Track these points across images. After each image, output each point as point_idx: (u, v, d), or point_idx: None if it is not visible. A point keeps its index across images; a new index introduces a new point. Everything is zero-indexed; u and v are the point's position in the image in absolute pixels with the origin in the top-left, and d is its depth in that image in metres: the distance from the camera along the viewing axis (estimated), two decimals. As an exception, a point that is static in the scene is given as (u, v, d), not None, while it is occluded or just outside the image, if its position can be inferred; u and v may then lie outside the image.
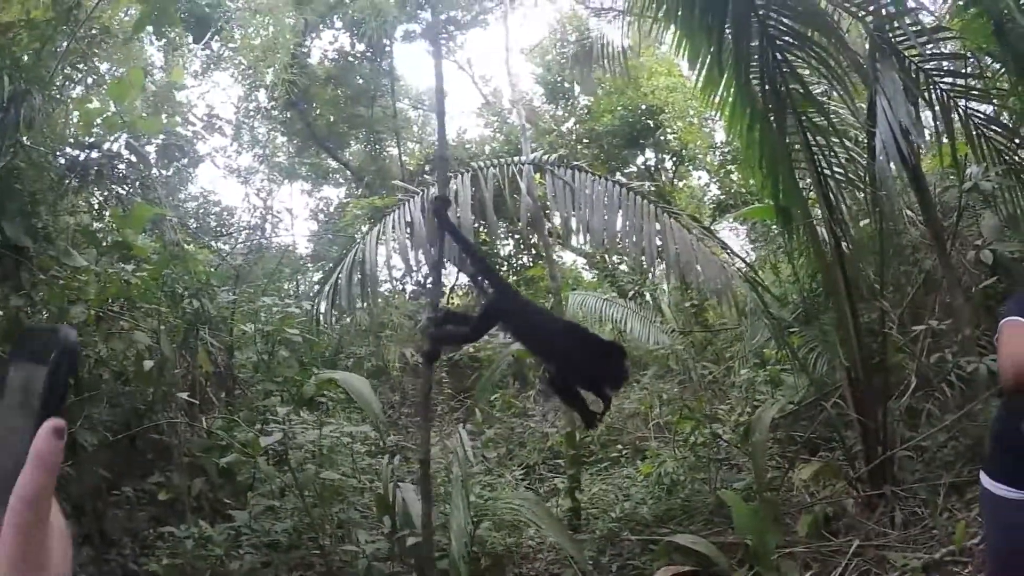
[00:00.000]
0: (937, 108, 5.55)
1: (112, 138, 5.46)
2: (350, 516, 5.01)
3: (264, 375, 5.22)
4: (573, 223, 5.21)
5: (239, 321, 5.94)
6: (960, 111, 5.60)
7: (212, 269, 6.56)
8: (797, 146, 5.90)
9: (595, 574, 5.51)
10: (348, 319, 9.82)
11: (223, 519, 4.74)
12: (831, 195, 5.81)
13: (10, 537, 0.53)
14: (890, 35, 5.35)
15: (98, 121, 5.42)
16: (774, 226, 8.63)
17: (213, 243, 9.70)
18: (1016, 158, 5.68)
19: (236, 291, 6.31)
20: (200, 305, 5.20)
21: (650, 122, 14.15)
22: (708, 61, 5.85)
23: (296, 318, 5.74)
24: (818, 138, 5.85)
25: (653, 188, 6.05)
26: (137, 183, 6.03)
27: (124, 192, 6.04)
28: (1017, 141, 5.72)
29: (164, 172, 9.51)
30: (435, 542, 4.78)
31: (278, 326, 5.19)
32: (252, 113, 16.48)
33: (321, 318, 5.35)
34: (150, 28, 9.44)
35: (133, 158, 5.70)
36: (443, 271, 3.79)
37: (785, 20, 5.39)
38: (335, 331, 10.48)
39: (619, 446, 8.86)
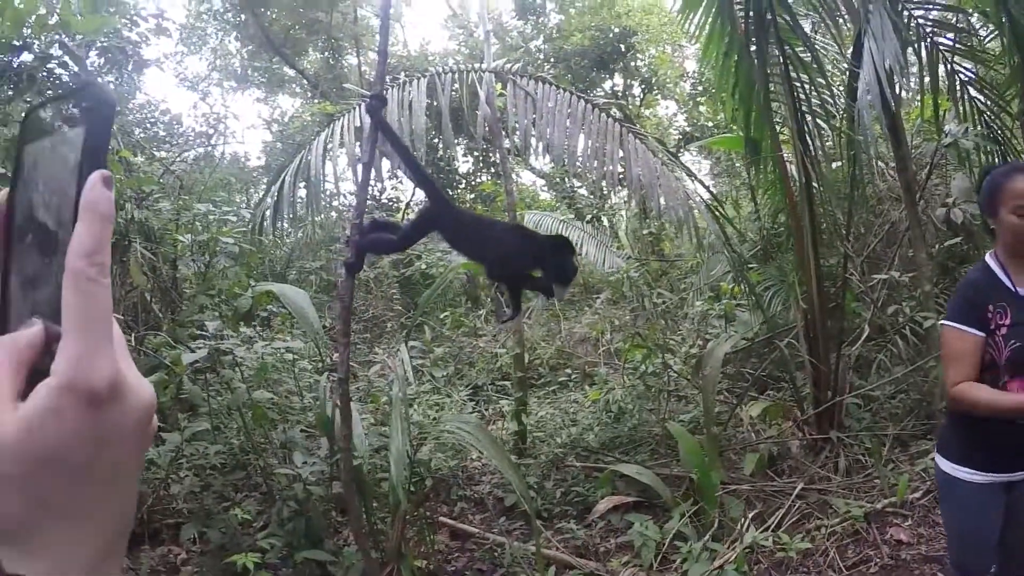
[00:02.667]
0: (924, 60, 5.38)
1: (46, 40, 4.94)
2: (291, 437, 4.83)
3: (199, 288, 4.89)
4: (533, 139, 4.95)
5: (180, 232, 5.58)
6: (948, 66, 5.45)
7: (158, 179, 6.12)
8: (775, 79, 5.69)
9: (537, 499, 5.48)
10: (299, 232, 9.52)
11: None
12: (807, 132, 5.64)
13: (73, 298, 0.48)
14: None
15: (29, 21, 4.89)
16: (739, 161, 8.50)
17: (157, 152, 9.12)
18: (997, 123, 5.59)
19: (179, 200, 5.91)
20: (134, 216, 4.79)
21: (621, 45, 13.75)
22: (691, -21, 5.57)
23: (236, 227, 5.41)
24: (801, 73, 5.64)
25: (619, 113, 5.80)
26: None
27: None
28: (1000, 105, 5.61)
29: (107, 78, 8.88)
30: (374, 464, 4.67)
31: (213, 234, 4.84)
32: (204, 16, 15.55)
33: (264, 229, 5.06)
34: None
35: (70, 62, 5.18)
36: (371, 177, 3.44)
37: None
38: (285, 244, 10.18)
39: (568, 370, 8.85)
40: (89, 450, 0.48)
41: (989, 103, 5.72)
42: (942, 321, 2.70)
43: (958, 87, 5.59)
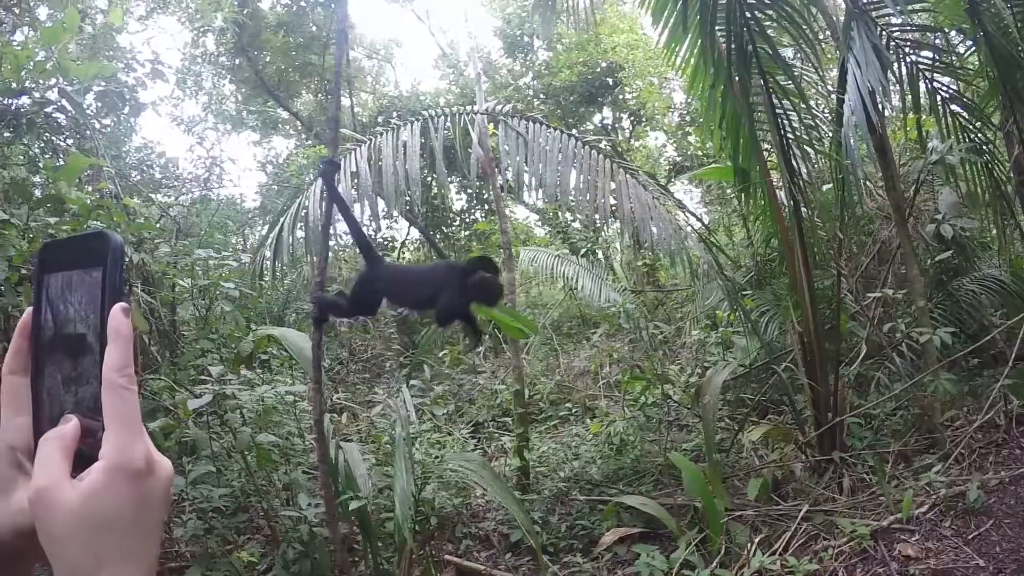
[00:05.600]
0: (905, 79, 5.51)
1: (45, 85, 5.03)
2: (294, 479, 4.83)
3: (200, 332, 4.93)
4: (525, 176, 5.03)
5: (178, 275, 5.65)
6: (928, 84, 5.57)
7: (155, 222, 6.17)
8: (760, 108, 5.80)
9: (543, 534, 5.47)
10: (294, 274, 9.57)
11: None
12: (793, 159, 5.74)
13: (111, 401, 0.65)
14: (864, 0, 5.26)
15: (29, 67, 4.99)
16: (730, 189, 8.61)
17: (154, 195, 9.19)
18: (980, 136, 5.69)
19: (176, 244, 5.97)
20: (132, 259, 4.85)
21: (609, 80, 13.97)
22: (673, 17, 5.71)
23: (235, 272, 5.47)
24: (783, 101, 5.76)
25: (609, 146, 5.89)
26: (75, 133, 5.61)
27: (61, 143, 5.63)
28: (982, 118, 5.73)
29: (104, 121, 8.99)
30: (379, 504, 4.67)
31: (215, 279, 4.90)
32: (199, 60, 15.75)
33: (264, 272, 5.11)
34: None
35: (68, 106, 5.26)
36: (329, 234, 3.51)
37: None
38: (281, 286, 10.22)
39: (568, 404, 8.85)
40: (134, 513, 0.64)
41: (971, 117, 5.83)
42: None
43: (940, 104, 5.70)
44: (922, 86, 5.62)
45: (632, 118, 14.97)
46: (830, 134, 5.91)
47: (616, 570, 5.05)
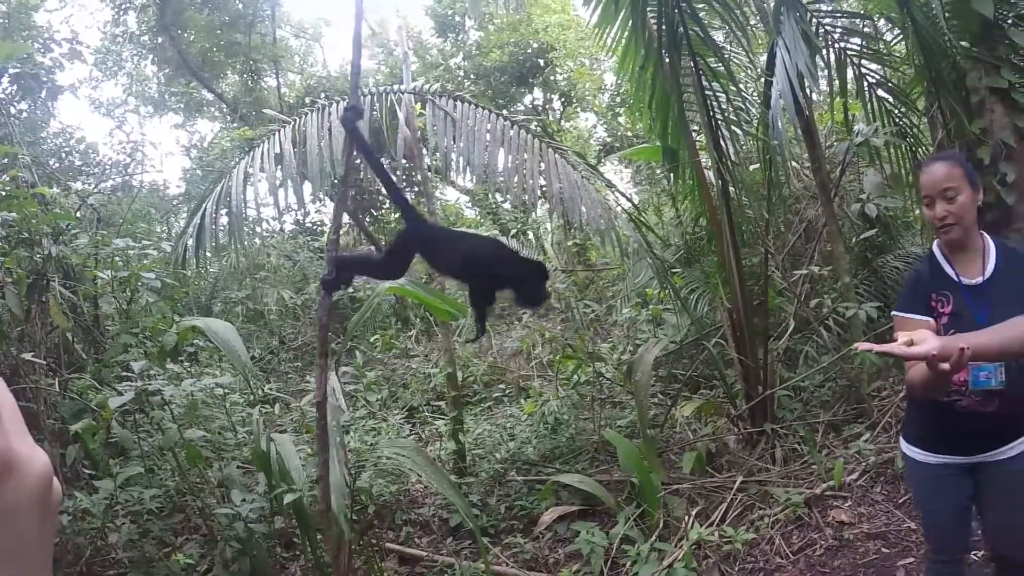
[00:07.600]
0: (834, 64, 5.63)
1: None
2: (228, 474, 4.69)
3: (122, 326, 4.71)
4: (453, 156, 4.97)
5: (99, 267, 5.38)
6: (856, 69, 5.71)
7: (74, 212, 5.88)
8: (689, 89, 5.86)
9: (482, 517, 5.47)
10: (222, 261, 9.28)
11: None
12: (722, 140, 5.82)
13: None
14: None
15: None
16: (659, 169, 8.71)
17: (73, 183, 8.76)
18: (905, 120, 5.87)
19: (96, 234, 5.69)
20: (51, 252, 4.62)
21: (540, 60, 13.95)
22: (605, -3, 5.70)
23: (158, 261, 5.25)
24: (713, 83, 5.83)
25: (539, 127, 5.85)
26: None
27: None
28: (907, 104, 5.91)
29: (19, 106, 8.52)
30: (315, 496, 4.58)
31: (133, 270, 4.68)
32: (119, 39, 15.07)
33: (187, 261, 4.93)
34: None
35: None
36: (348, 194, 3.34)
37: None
38: (208, 275, 9.92)
39: (502, 385, 8.86)
40: None
41: (896, 102, 6.01)
42: (892, 312, 2.75)
43: (866, 89, 5.86)
44: (850, 71, 5.76)
45: (563, 99, 15.00)
46: (758, 116, 6.01)
47: (557, 548, 5.09)
